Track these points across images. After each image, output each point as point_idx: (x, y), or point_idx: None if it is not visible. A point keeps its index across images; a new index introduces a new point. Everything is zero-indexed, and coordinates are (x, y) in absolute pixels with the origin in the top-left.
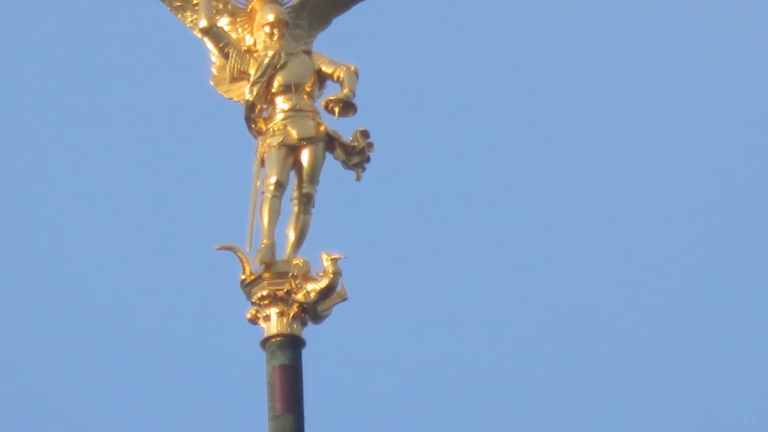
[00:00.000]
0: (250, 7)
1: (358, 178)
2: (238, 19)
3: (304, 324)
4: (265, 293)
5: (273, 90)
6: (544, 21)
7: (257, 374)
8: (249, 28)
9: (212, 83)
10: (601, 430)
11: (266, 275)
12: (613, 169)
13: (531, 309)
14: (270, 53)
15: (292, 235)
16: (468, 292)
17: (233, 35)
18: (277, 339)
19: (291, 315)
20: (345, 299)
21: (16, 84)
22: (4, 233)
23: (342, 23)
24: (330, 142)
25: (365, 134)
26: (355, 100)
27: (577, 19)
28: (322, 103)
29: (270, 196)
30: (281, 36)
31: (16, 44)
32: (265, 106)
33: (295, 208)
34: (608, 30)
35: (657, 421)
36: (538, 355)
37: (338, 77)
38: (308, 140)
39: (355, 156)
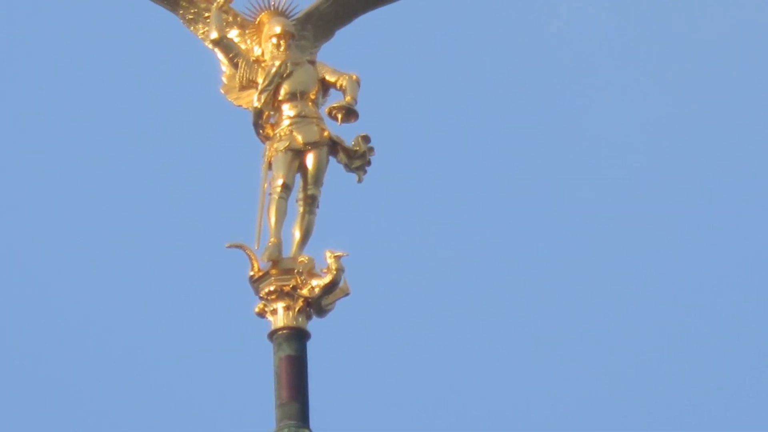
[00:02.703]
0: (258, 19)
1: (359, 181)
2: (247, 31)
3: (309, 317)
4: (272, 288)
5: (280, 98)
6: (539, 31)
7: (265, 365)
8: (257, 40)
9: (222, 91)
10: (599, 427)
11: (273, 272)
12: (608, 172)
13: (529, 305)
14: (277, 63)
15: (297, 234)
16: (465, 288)
17: (242, 46)
18: (284, 331)
19: (297, 309)
20: (347, 294)
21: (39, 92)
22: (26, 233)
23: (344, 35)
24: (333, 146)
25: (366, 139)
26: (356, 107)
27: (571, 30)
28: (326, 110)
29: (277, 197)
30: (287, 47)
31: (39, 56)
32: (272, 112)
33: (301, 209)
34: (600, 39)
35: (652, 418)
36: (536, 349)
37: (341, 85)
38: (313, 145)
39: (357, 159)
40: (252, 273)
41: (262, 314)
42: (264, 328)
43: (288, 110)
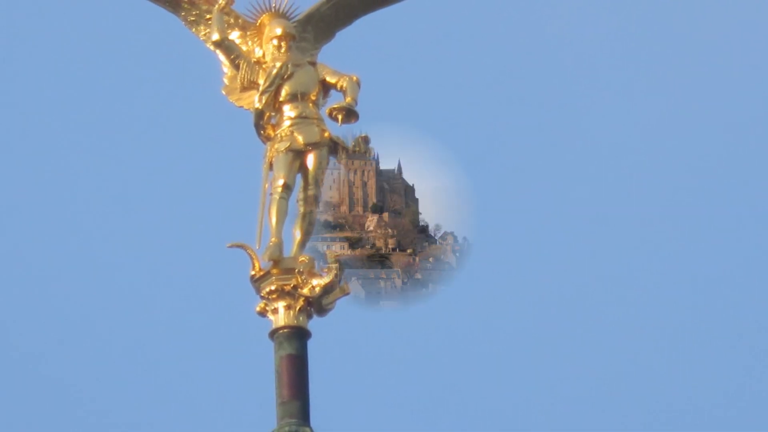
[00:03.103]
0: (259, 21)
1: None
2: (248, 33)
3: (309, 316)
4: (273, 288)
5: (280, 99)
6: (539, 31)
7: (266, 363)
8: (258, 41)
9: (224, 92)
10: (599, 427)
11: (274, 271)
12: (608, 172)
13: (529, 305)
14: (278, 64)
15: (298, 234)
16: (464, 287)
17: (244, 48)
18: (285, 330)
19: (297, 308)
20: (347, 294)
21: (39, 92)
22: (26, 233)
23: (345, 36)
24: (334, 147)
25: (366, 140)
26: (357, 108)
27: (571, 30)
28: (326, 111)
29: (278, 197)
30: (288, 48)
31: (40, 56)
32: (273, 113)
33: (301, 209)
34: (600, 39)
35: (652, 418)
36: (536, 349)
37: (341, 86)
38: (313, 145)
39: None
40: (253, 272)
41: (263, 313)
42: (265, 327)
43: (289, 111)
